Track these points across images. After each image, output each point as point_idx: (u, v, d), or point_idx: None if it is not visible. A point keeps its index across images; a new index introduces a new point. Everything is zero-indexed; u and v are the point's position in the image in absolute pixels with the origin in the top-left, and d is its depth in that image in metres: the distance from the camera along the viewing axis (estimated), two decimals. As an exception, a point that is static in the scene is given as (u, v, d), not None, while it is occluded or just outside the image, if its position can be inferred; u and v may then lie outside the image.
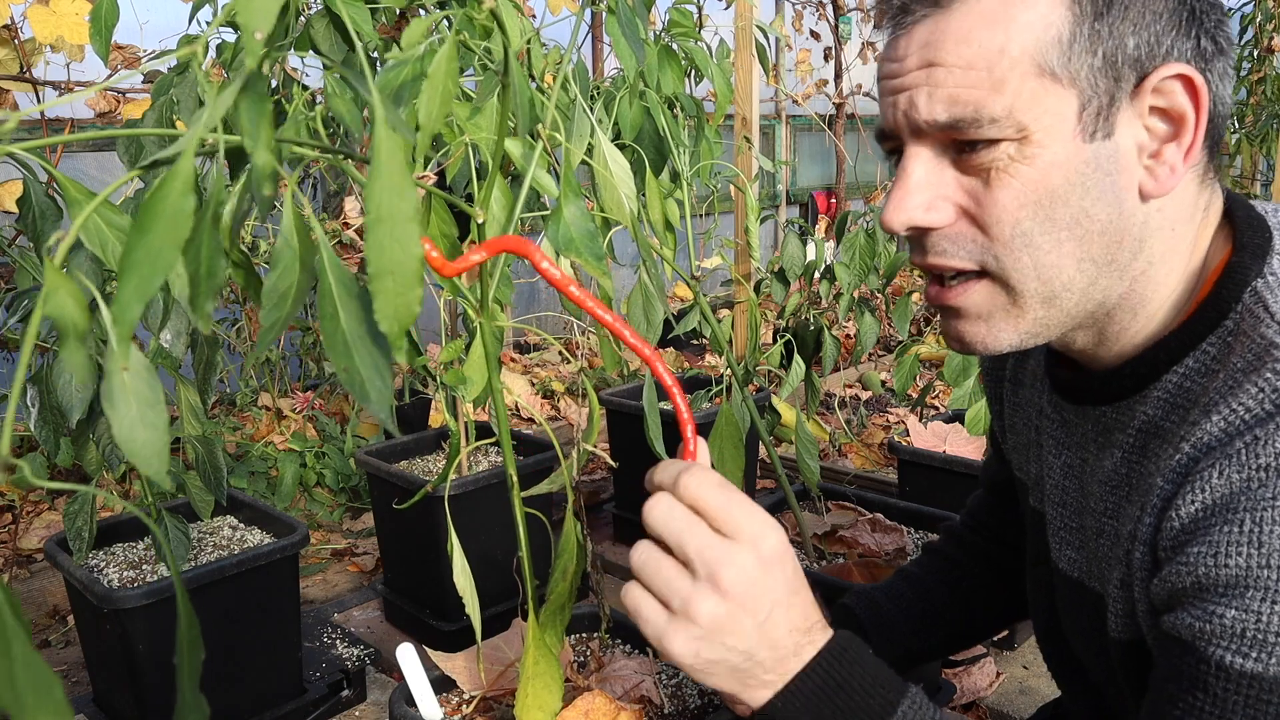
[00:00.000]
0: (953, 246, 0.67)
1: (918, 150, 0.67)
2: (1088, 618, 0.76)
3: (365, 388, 0.45)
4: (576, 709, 0.93)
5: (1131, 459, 0.70)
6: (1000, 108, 0.62)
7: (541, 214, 0.95)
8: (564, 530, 0.89)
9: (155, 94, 1.12)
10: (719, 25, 1.98)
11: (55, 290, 0.38)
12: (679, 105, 1.40)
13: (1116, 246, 0.65)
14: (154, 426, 0.40)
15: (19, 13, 2.14)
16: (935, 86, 0.63)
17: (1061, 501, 0.80)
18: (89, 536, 1.44)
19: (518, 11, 1.01)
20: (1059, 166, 0.63)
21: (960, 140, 0.64)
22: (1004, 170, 0.63)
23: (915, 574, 1.04)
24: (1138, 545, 0.66)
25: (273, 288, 0.45)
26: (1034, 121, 0.62)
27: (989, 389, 0.96)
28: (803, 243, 2.20)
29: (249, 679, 1.58)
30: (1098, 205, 0.64)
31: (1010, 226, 0.64)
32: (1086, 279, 0.66)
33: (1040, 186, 0.63)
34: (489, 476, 1.84)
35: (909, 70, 0.65)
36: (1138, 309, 0.68)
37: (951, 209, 0.66)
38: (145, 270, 0.37)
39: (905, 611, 1.00)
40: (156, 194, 0.38)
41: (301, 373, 3.26)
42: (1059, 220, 0.64)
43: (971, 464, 2.00)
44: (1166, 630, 0.62)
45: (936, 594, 1.02)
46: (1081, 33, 0.61)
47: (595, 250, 0.73)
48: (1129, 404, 0.71)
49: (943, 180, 0.66)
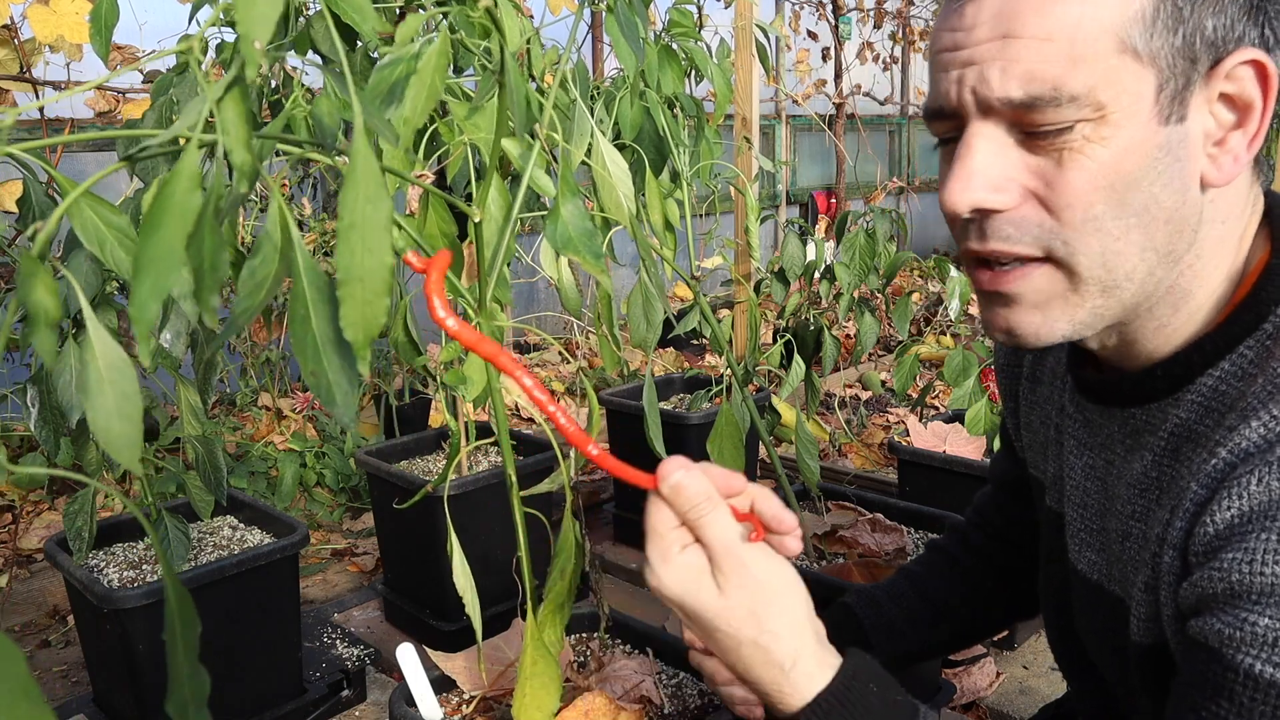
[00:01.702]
0: (1017, 231, 0.64)
1: (982, 128, 0.63)
2: (1105, 620, 0.76)
3: (331, 391, 0.44)
4: (576, 709, 0.93)
5: (1162, 462, 0.69)
6: (1080, 84, 0.59)
7: (541, 214, 0.95)
8: (562, 530, 0.89)
9: (155, 94, 1.12)
10: (719, 25, 1.98)
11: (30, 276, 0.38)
12: (679, 105, 1.40)
13: (1177, 236, 0.63)
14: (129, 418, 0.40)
15: (19, 12, 2.14)
16: (1010, 60, 0.60)
17: (1082, 503, 0.79)
18: (89, 536, 1.44)
19: (516, 11, 1.01)
20: (1134, 149, 0.60)
21: (1031, 119, 0.61)
22: (1078, 151, 0.60)
23: (917, 572, 1.03)
24: (1167, 549, 0.65)
25: (249, 275, 0.44)
26: (1113, 100, 0.59)
27: (1004, 385, 0.94)
28: (803, 243, 2.20)
29: (249, 679, 1.58)
30: (1166, 191, 0.62)
31: (1083, 210, 0.61)
32: (1147, 268, 0.63)
33: (1115, 169, 0.60)
34: (489, 476, 1.84)
35: (979, 41, 0.61)
36: (1179, 304, 0.67)
37: (1018, 190, 0.63)
38: (159, 268, 0.38)
39: (906, 611, 0.99)
40: (163, 192, 0.38)
41: (302, 373, 3.26)
42: (1130, 205, 0.61)
43: (971, 464, 2.00)
44: (1193, 636, 0.61)
45: (938, 593, 1.01)
46: (1165, 10, 0.59)
47: (593, 249, 0.73)
48: (1160, 406, 0.69)
49: (1009, 160, 0.63)
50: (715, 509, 0.67)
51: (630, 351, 3.80)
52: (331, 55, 0.99)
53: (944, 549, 1.06)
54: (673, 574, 0.67)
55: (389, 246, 0.40)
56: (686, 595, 0.67)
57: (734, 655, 0.67)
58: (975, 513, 1.08)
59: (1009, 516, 1.03)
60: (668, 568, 0.67)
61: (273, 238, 0.44)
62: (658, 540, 0.68)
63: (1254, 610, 0.56)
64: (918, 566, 1.05)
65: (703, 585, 0.67)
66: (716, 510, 0.67)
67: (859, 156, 6.04)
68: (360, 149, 0.39)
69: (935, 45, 0.66)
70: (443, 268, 0.53)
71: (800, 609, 0.68)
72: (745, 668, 0.68)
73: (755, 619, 0.66)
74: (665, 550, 0.67)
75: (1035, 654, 1.86)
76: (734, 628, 0.66)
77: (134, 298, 0.37)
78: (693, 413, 2.19)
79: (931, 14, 6.35)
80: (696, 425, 2.18)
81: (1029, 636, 1.92)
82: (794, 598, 0.68)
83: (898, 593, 1.01)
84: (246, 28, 0.35)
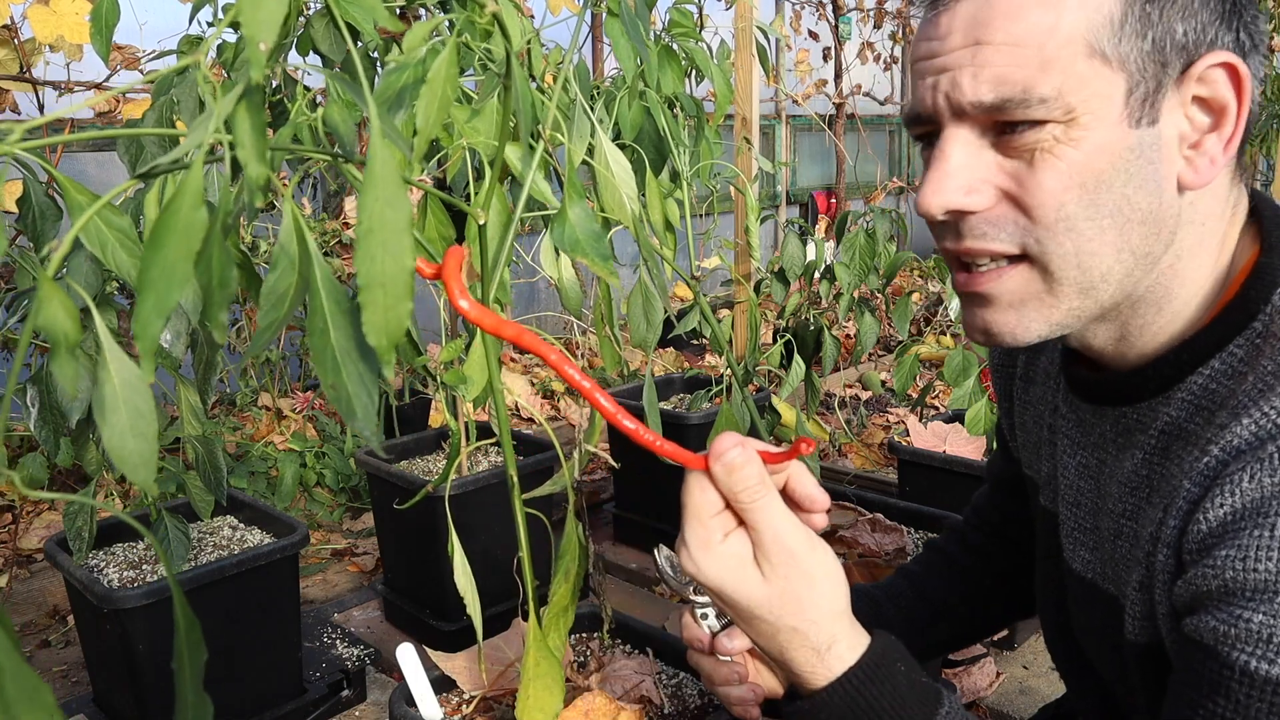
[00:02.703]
0: (993, 230, 0.65)
1: (956, 132, 0.64)
2: (1100, 619, 0.76)
3: (351, 404, 0.44)
4: (576, 709, 0.93)
5: (1153, 460, 0.69)
6: (1050, 88, 0.60)
7: (541, 214, 0.95)
8: (565, 531, 0.89)
9: (155, 94, 1.12)
10: (719, 25, 1.98)
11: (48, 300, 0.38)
12: (679, 105, 1.40)
13: (1154, 237, 0.64)
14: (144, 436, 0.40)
15: (19, 13, 2.14)
16: (981, 66, 0.61)
17: (1076, 502, 0.79)
18: (89, 536, 1.44)
19: (517, 12, 1.01)
20: (1104, 150, 0.61)
21: (1003, 121, 0.62)
22: (1048, 152, 0.62)
23: (916, 572, 1.04)
24: (1160, 547, 0.65)
25: (271, 289, 0.44)
26: (1082, 104, 0.60)
27: (998, 385, 0.95)
28: (803, 243, 2.20)
29: (249, 679, 1.58)
30: (1140, 193, 0.62)
31: (1054, 210, 0.62)
32: (1123, 269, 0.64)
33: (1085, 170, 0.61)
34: (489, 476, 1.84)
35: (952, 49, 0.63)
36: (1162, 304, 0.67)
37: (992, 192, 0.64)
38: (162, 286, 0.37)
39: (904, 611, 0.99)
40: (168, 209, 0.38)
41: (302, 373, 3.26)
42: (1102, 206, 0.62)
43: (971, 464, 2.00)
44: (1188, 634, 0.61)
45: (937, 593, 1.01)
46: (1133, 15, 0.60)
47: (601, 251, 0.73)
48: (1150, 405, 0.70)
49: (982, 163, 0.64)
50: (769, 493, 0.66)
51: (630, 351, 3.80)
52: (332, 55, 0.99)
53: (942, 548, 1.07)
54: (714, 562, 0.66)
55: (410, 250, 0.40)
56: (727, 584, 0.66)
57: (770, 639, 0.67)
58: (973, 512, 1.08)
59: (1006, 515, 1.03)
60: (709, 555, 0.66)
61: (289, 251, 0.44)
62: (698, 527, 0.66)
63: (1248, 607, 0.56)
64: (916, 566, 1.05)
65: (747, 575, 0.66)
66: (769, 495, 0.66)
67: (859, 156, 6.04)
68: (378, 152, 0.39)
69: (914, 54, 0.67)
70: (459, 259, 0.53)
71: (841, 596, 0.68)
72: (780, 649, 0.67)
73: (799, 606, 0.66)
74: (707, 538, 0.66)
75: (1035, 654, 1.87)
76: (775, 615, 0.66)
77: (138, 315, 0.37)
78: (693, 413, 2.19)
79: (931, 14, 6.34)
80: (697, 425, 2.18)
81: (1029, 636, 1.92)
82: (835, 584, 0.68)
83: (896, 592, 1.01)
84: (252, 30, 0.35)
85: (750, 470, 0.65)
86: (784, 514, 0.66)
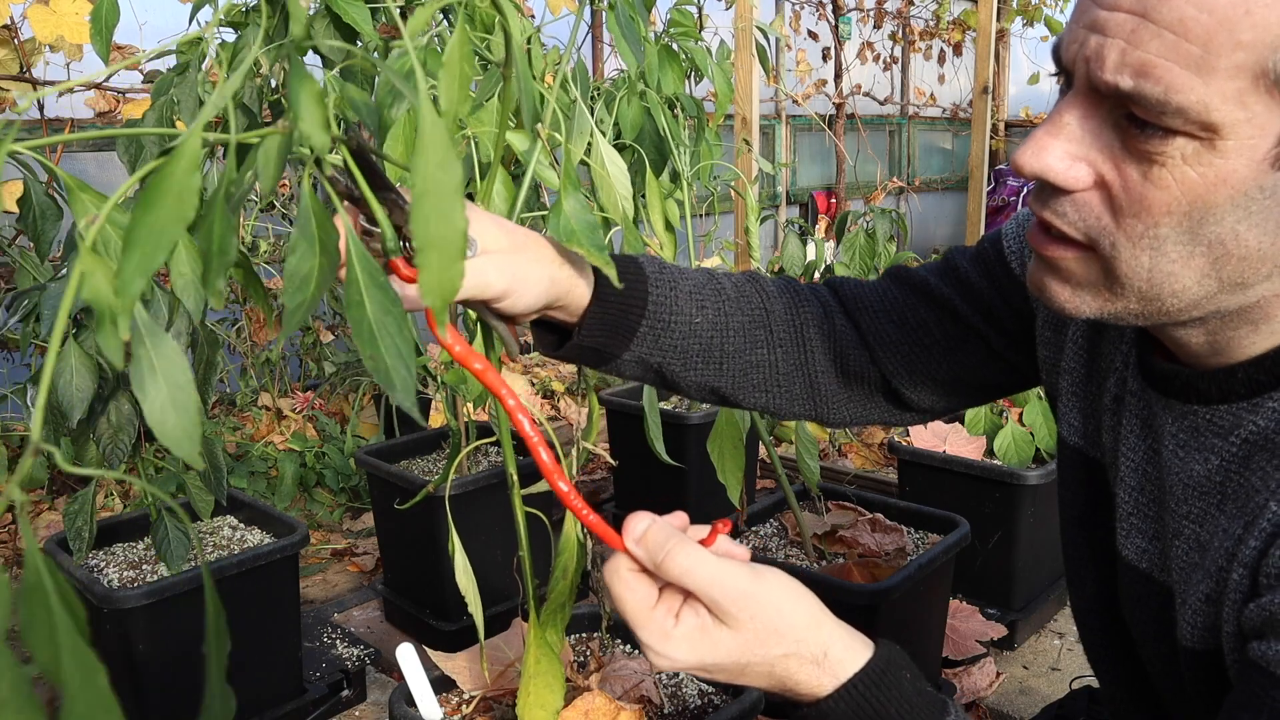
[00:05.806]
0: (1074, 213, 0.60)
1: (1083, 101, 0.58)
2: (1153, 611, 0.74)
3: (390, 375, 0.45)
4: (576, 709, 0.93)
5: (1230, 468, 0.65)
6: (1195, 97, 0.52)
7: (541, 214, 0.95)
8: (564, 529, 0.89)
9: (155, 94, 1.12)
10: (719, 25, 1.99)
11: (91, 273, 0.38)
12: (679, 105, 1.40)
13: (1253, 271, 0.58)
14: (184, 409, 0.40)
15: (19, 12, 2.15)
16: (1134, 45, 0.54)
17: (1139, 488, 0.75)
18: (89, 536, 1.44)
19: (517, 11, 1.01)
20: (1229, 183, 0.55)
21: (1133, 112, 0.55)
22: (1168, 167, 0.55)
23: (732, 280, 0.88)
24: (1236, 566, 0.62)
25: (294, 271, 0.45)
26: (1230, 128, 0.53)
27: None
28: (803, 243, 2.20)
29: (249, 679, 1.58)
30: (1253, 231, 0.56)
31: (1147, 227, 0.57)
32: (1203, 292, 0.59)
33: (1200, 198, 0.55)
34: (489, 476, 1.84)
35: (1113, 8, 0.55)
36: (1260, 324, 0.63)
37: (1091, 175, 0.59)
38: (148, 246, 0.37)
39: (693, 285, 0.83)
40: (162, 172, 0.38)
41: (301, 373, 3.26)
42: (1202, 236, 0.57)
43: (972, 464, 2.00)
44: (1253, 658, 0.59)
45: (733, 303, 0.86)
46: None
47: (595, 241, 0.73)
48: (1232, 409, 0.65)
49: (1098, 141, 0.58)
50: (681, 542, 0.64)
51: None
52: (332, 55, 0.99)
53: (774, 283, 0.92)
54: (680, 646, 0.64)
55: (461, 211, 0.40)
56: (705, 657, 0.65)
57: (769, 677, 0.66)
58: (830, 290, 0.95)
59: (882, 306, 0.91)
60: (671, 643, 0.64)
61: (308, 232, 0.44)
62: (647, 624, 0.65)
63: None
64: (729, 284, 0.88)
65: (716, 638, 0.64)
66: (682, 544, 0.64)
67: (859, 156, 6.04)
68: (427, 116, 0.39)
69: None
70: None
71: (810, 604, 0.67)
72: (782, 680, 0.66)
73: (778, 634, 0.65)
74: (661, 630, 0.64)
75: (1035, 654, 1.87)
76: (761, 654, 0.65)
77: (121, 271, 0.37)
78: (693, 413, 2.19)
79: (931, 14, 6.35)
80: (696, 425, 2.18)
81: (1029, 637, 1.92)
82: (798, 597, 0.67)
83: (696, 279, 0.85)
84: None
85: (655, 531, 0.64)
86: (711, 561, 0.64)
